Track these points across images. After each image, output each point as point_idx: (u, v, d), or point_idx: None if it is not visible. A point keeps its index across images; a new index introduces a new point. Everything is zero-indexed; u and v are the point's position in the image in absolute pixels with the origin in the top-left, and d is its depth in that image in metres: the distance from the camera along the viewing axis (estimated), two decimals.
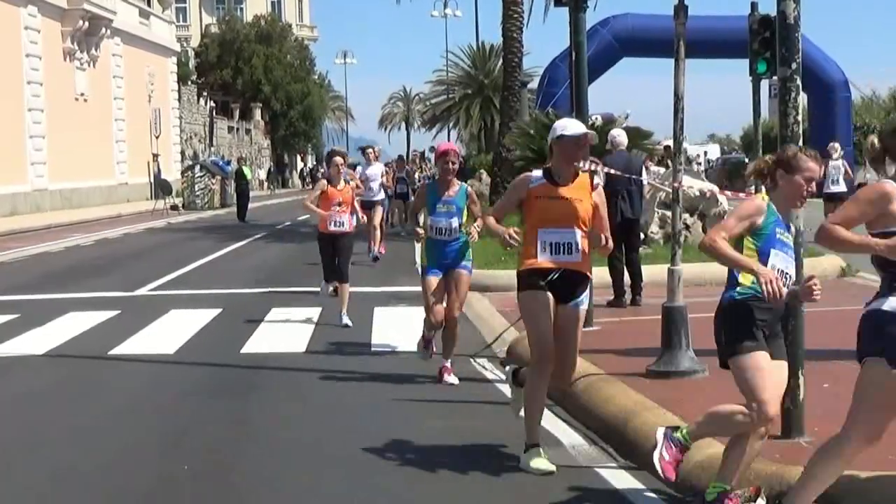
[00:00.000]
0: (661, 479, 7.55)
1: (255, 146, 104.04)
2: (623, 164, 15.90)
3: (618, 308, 15.61)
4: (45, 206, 51.59)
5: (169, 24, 79.73)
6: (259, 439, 9.37)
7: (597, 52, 38.83)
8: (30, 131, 51.58)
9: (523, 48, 39.09)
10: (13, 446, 9.33)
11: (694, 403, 9.10)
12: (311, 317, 16.31)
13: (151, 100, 69.26)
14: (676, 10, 11.19)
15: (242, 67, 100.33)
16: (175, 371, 12.63)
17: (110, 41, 62.61)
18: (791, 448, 7.68)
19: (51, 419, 10.38)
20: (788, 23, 7.95)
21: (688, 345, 10.63)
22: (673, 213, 11.47)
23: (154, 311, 17.25)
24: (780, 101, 8.12)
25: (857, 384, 6.34)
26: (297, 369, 12.43)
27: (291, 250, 29.59)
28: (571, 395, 10.13)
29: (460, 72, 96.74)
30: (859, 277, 18.88)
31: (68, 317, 16.87)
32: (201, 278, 22.81)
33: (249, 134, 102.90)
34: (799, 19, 7.96)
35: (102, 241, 35.27)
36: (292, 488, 7.87)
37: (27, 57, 51.71)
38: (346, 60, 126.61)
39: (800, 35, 7.96)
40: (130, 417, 10.33)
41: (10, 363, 13.34)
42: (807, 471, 6.49)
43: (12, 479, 8.33)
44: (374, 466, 8.32)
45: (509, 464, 8.16)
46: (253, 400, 10.97)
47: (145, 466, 8.58)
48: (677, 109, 10.95)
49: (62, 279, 23.13)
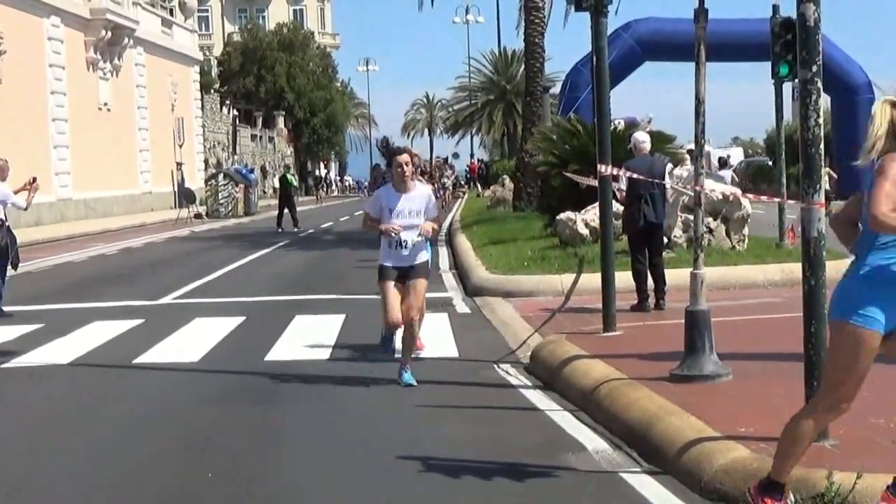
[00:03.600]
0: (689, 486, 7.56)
1: (279, 154, 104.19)
2: (645, 168, 15.87)
3: (641, 312, 15.59)
4: (69, 215, 51.74)
5: (191, 32, 79.93)
6: (283, 447, 9.37)
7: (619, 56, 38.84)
8: (54, 141, 51.78)
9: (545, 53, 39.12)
10: (36, 454, 9.36)
11: (718, 408, 9.08)
12: (335, 324, 16.31)
13: (174, 109, 69.45)
14: (697, 14, 11.17)
15: (265, 75, 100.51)
16: (199, 379, 12.65)
17: (133, 51, 62.80)
18: (817, 452, 7.64)
19: (74, 427, 10.41)
20: (808, 25, 7.93)
21: (711, 349, 10.59)
22: (695, 217, 11.44)
23: (178, 320, 17.28)
24: (800, 104, 8.08)
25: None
26: (321, 376, 12.44)
27: (314, 258, 29.65)
28: (594, 400, 10.13)
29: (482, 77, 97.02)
30: None
31: (92, 326, 16.91)
32: (225, 286, 22.84)
33: (273, 142, 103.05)
34: (819, 21, 7.93)
35: (126, 251, 35.38)
36: (316, 495, 7.87)
37: (50, 67, 51.92)
38: (369, 67, 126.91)
39: (820, 37, 7.94)
40: (154, 425, 10.35)
41: (34, 372, 13.38)
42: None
43: (35, 485, 8.36)
44: (397, 473, 8.31)
45: (533, 470, 8.15)
46: (277, 407, 10.98)
47: (169, 474, 8.59)
48: (698, 113, 10.93)
49: (86, 288, 23.21)
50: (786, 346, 10.67)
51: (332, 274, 23.80)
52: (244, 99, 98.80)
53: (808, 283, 7.99)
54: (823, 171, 8.02)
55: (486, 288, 19.62)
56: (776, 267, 18.99)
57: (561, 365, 11.66)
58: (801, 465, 7.33)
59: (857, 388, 6.57)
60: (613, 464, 8.42)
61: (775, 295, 16.84)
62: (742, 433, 8.19)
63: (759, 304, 16.11)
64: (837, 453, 7.61)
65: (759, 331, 13.59)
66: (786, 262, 18.90)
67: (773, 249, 21.94)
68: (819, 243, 7.98)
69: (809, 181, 7.97)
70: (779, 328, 13.13)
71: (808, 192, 7.98)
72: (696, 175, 11.38)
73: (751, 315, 15.02)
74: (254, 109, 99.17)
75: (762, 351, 11.82)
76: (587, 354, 11.86)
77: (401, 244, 11.58)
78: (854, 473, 6.97)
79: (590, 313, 14.03)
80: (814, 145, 8.00)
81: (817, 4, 7.92)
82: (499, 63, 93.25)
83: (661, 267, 16.13)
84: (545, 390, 11.21)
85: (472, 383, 11.79)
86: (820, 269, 7.99)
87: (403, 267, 11.70)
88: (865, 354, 6.44)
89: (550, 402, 10.67)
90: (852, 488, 6.87)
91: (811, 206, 7.96)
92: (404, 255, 11.64)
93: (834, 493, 6.89)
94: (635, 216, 15.90)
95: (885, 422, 8.43)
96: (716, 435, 8.19)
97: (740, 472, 7.44)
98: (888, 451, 7.65)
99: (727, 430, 8.27)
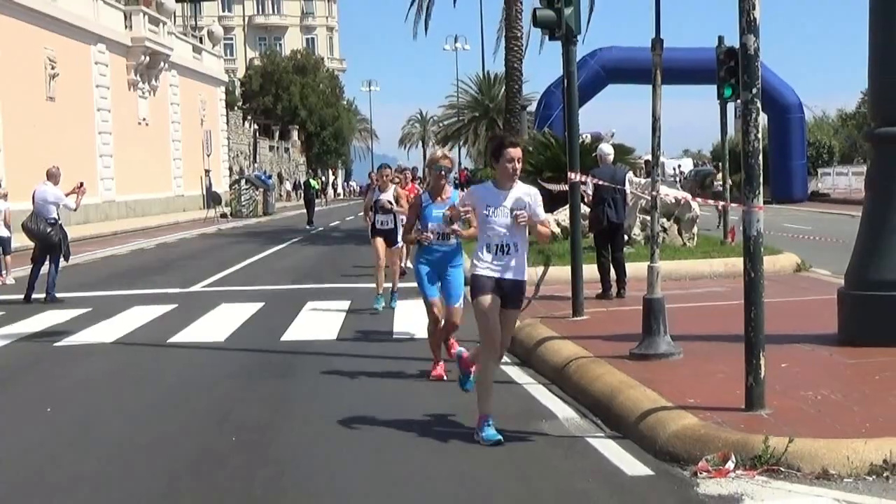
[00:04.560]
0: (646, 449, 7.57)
1: (293, 162, 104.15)
2: (609, 176, 15.89)
3: (605, 300, 15.59)
4: (112, 215, 51.71)
5: (218, 58, 79.78)
6: (297, 415, 9.37)
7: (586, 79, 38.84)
8: (100, 151, 51.79)
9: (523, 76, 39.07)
10: (84, 420, 9.35)
11: (670, 382, 9.09)
12: (342, 308, 16.32)
13: (203, 123, 69.32)
14: (653, 44, 11.19)
15: (281, 95, 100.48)
16: (224, 356, 12.64)
17: (168, 73, 62.68)
18: (753, 419, 7.67)
19: (116, 397, 10.40)
20: (749, 53, 7.94)
21: (665, 331, 10.60)
22: (652, 218, 11.45)
23: (206, 305, 17.27)
24: (742, 121, 8.11)
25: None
26: (330, 354, 12.43)
27: (324, 252, 29.62)
28: (565, 375, 10.14)
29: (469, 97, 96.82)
30: (812, 272, 18.84)
31: (132, 310, 16.90)
32: (247, 276, 22.82)
33: (288, 152, 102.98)
34: (758, 50, 7.95)
35: (162, 245, 35.33)
36: (326, 457, 7.86)
37: (97, 87, 51.89)
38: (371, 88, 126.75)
39: (759, 64, 7.95)
40: (184, 396, 10.35)
41: (83, 350, 13.38)
42: None
43: (81, 448, 8.36)
44: (394, 437, 8.32)
45: (511, 435, 8.14)
46: (291, 381, 10.98)
47: (198, 438, 8.59)
48: (654, 129, 10.94)
49: (127, 278, 23.18)
50: (729, 328, 10.69)
51: (339, 266, 23.76)
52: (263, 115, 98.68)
53: (749, 274, 8.00)
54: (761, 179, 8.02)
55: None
56: (721, 261, 19.00)
57: (536, 345, 11.68)
58: (741, 430, 7.36)
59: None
60: (581, 430, 8.42)
61: (720, 285, 16.86)
62: (691, 404, 8.20)
63: (706, 293, 16.12)
64: (772, 421, 7.63)
65: (706, 316, 13.60)
66: (729, 257, 18.92)
67: (718, 246, 21.95)
68: (758, 241, 8.00)
69: (750, 187, 7.99)
70: (723, 313, 13.16)
71: (748, 196, 8.00)
72: (652, 182, 11.39)
73: (699, 302, 15.04)
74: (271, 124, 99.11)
75: (709, 333, 11.83)
76: (558, 336, 11.87)
77: (503, 249, 8.10)
78: (786, 438, 6.99)
79: (561, 300, 14.03)
80: (754, 157, 8.02)
81: (757, 36, 7.94)
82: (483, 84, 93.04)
83: (621, 261, 16.13)
84: (522, 366, 11.22)
85: None
86: (758, 263, 8.00)
87: (506, 280, 8.18)
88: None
89: (527, 376, 10.68)
90: (785, 450, 6.90)
91: (751, 209, 7.98)
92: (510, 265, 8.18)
93: (769, 454, 6.91)
94: (600, 217, 15.91)
95: (812, 394, 8.45)
96: (668, 405, 8.20)
97: (689, 437, 7.46)
98: (814, 419, 7.67)
99: (678, 401, 8.28)
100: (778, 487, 6.64)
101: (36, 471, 7.70)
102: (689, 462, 7.13)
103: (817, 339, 11.07)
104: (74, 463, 7.90)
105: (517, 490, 6.87)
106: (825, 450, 6.87)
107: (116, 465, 7.84)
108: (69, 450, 8.32)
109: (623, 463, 7.38)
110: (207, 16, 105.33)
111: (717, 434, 7.35)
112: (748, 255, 8.02)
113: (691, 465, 7.06)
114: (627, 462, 7.40)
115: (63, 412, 9.73)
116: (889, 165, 10.90)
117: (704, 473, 6.90)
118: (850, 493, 6.48)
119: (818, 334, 11.27)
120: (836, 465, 6.77)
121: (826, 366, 9.92)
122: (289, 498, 6.81)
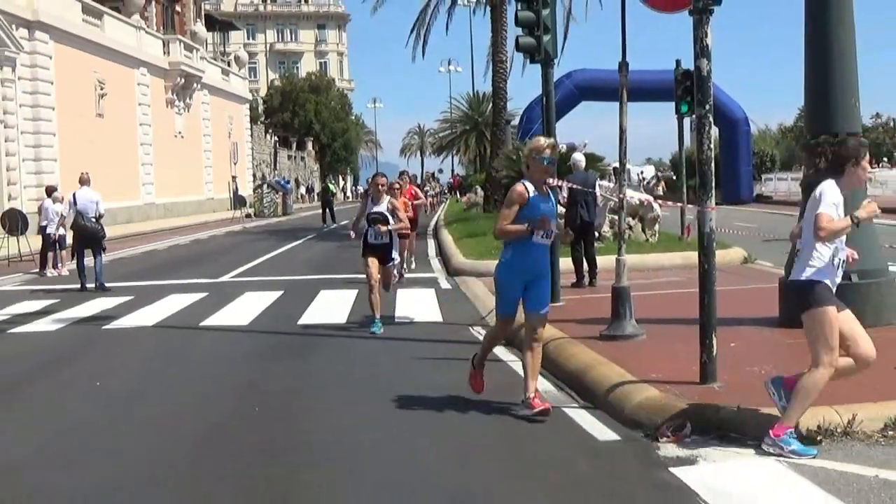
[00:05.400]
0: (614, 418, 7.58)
1: (308, 170, 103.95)
2: (581, 180, 15.89)
3: (579, 288, 15.58)
4: (152, 215, 51.65)
5: (243, 79, 79.55)
6: (312, 388, 9.36)
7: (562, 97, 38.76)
8: (142, 160, 51.75)
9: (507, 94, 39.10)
10: (129, 392, 9.35)
11: (635, 360, 9.09)
12: (350, 297, 16.29)
13: (230, 136, 69.13)
14: (620, 66, 11.20)
15: (298, 111, 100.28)
16: (248, 338, 12.63)
17: (200, 93, 62.53)
18: (706, 391, 7.67)
19: (156, 372, 10.40)
20: (703, 75, 7.94)
21: (631, 315, 10.61)
22: (619, 217, 11.45)
23: (233, 293, 17.25)
24: (697, 133, 8.12)
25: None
26: (340, 336, 12.43)
27: (334, 248, 29.59)
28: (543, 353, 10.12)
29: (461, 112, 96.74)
30: (757, 264, 18.86)
31: (170, 298, 16.87)
32: (268, 268, 22.79)
33: (304, 160, 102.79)
34: (710, 72, 7.95)
35: (195, 242, 35.26)
36: (337, 423, 7.86)
37: (139, 105, 51.84)
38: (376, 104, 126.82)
39: (711, 84, 7.95)
40: (214, 372, 10.34)
41: (126, 333, 13.36)
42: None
43: (126, 415, 8.37)
44: (395, 407, 8.31)
45: (497, 405, 8.14)
46: (306, 359, 10.96)
47: (225, 407, 8.58)
48: (621, 140, 10.94)
49: (165, 270, 23.15)
50: (686, 313, 10.69)
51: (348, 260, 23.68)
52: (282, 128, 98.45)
53: (703, 266, 8.01)
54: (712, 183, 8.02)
55: (463, 270, 19.59)
56: (679, 255, 19.01)
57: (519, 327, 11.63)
58: (696, 401, 7.37)
59: None
60: (557, 400, 8.41)
61: (678, 276, 16.86)
62: (653, 378, 8.20)
63: (666, 283, 16.13)
64: (723, 393, 7.63)
65: (666, 302, 13.61)
66: (686, 251, 18.94)
67: (676, 242, 21.95)
68: (711, 237, 8.01)
69: (704, 190, 8.00)
70: (681, 300, 13.16)
71: (702, 198, 8.00)
72: (619, 186, 11.38)
73: (660, 290, 15.04)
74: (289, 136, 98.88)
75: (668, 317, 11.84)
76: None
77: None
78: (735, 407, 7.01)
79: None
80: (707, 164, 8.03)
81: (709, 60, 7.94)
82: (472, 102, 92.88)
83: (593, 254, 16.13)
84: (506, 346, 11.19)
85: (452, 341, 11.77)
86: (711, 256, 8.02)
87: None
88: None
89: (511, 354, 10.66)
90: (734, 418, 6.91)
91: (705, 209, 7.98)
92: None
93: (720, 422, 6.94)
94: (574, 216, 15.90)
95: (757, 369, 8.46)
96: (633, 379, 8.20)
97: (652, 407, 7.46)
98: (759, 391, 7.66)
99: (642, 376, 8.28)
100: (727, 450, 6.65)
101: (86, 433, 7.71)
102: (651, 429, 7.13)
103: (761, 322, 11.09)
104: (120, 426, 7.92)
105: (501, 451, 6.87)
106: (768, 417, 6.87)
107: (158, 427, 7.86)
108: (116, 416, 8.33)
109: (594, 430, 7.38)
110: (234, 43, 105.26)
111: (675, 404, 7.35)
112: (702, 250, 8.03)
113: (653, 432, 7.06)
114: (598, 429, 7.40)
115: (111, 386, 9.73)
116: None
117: (665, 438, 6.91)
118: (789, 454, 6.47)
119: (762, 318, 11.28)
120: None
121: (769, 345, 9.93)
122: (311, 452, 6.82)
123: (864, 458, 6.35)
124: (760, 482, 6.01)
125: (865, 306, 10.47)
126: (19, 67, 39.12)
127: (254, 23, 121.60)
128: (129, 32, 51.16)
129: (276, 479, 6.36)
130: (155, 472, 6.63)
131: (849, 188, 6.54)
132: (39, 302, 16.96)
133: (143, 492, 6.22)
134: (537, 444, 7.03)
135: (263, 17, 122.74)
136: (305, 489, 6.16)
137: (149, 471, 6.65)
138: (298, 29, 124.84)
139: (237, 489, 6.21)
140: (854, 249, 6.76)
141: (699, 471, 6.25)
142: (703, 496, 5.75)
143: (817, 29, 10.89)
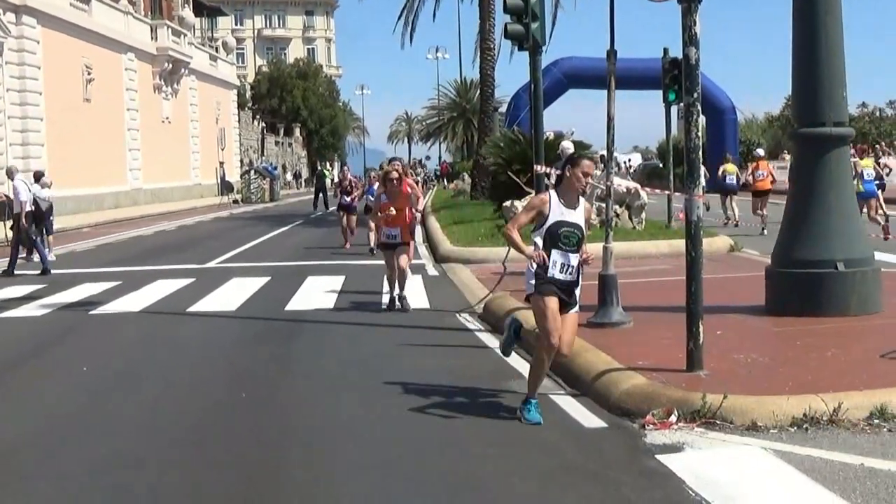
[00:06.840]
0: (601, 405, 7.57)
1: (296, 156, 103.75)
2: None
3: None
4: (139, 200, 51.49)
5: (231, 65, 79.28)
6: (299, 373, 9.34)
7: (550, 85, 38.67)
8: (129, 145, 51.57)
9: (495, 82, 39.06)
10: (114, 380, 9.32)
11: (622, 347, 9.09)
12: (337, 283, 16.27)
13: (218, 122, 68.90)
14: (608, 54, 11.17)
15: (286, 97, 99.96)
16: (235, 323, 12.60)
17: (188, 78, 62.29)
18: (693, 379, 7.68)
19: (143, 358, 10.37)
20: (691, 63, 7.93)
21: (618, 303, 10.61)
22: (606, 205, 11.44)
23: (220, 279, 17.20)
24: (684, 122, 8.11)
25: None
26: (327, 322, 12.40)
27: (322, 234, 29.53)
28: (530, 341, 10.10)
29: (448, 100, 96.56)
30: (743, 253, 18.89)
31: (156, 283, 16.82)
32: (255, 254, 22.73)
33: (291, 147, 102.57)
34: (699, 60, 7.93)
35: (182, 227, 35.17)
36: (323, 406, 7.87)
37: (126, 90, 51.62)
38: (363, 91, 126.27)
39: (699, 72, 7.94)
40: (202, 357, 10.31)
41: (113, 318, 13.31)
42: None
43: (114, 400, 8.34)
44: (382, 392, 8.29)
45: (484, 392, 8.15)
46: (293, 345, 10.94)
47: (214, 392, 8.56)
48: (609, 128, 10.92)
49: (152, 255, 23.07)
50: (672, 301, 10.70)
51: (335, 246, 23.64)
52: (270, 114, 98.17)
53: (690, 254, 8.00)
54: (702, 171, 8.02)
55: (450, 257, 19.57)
56: (665, 242, 19.02)
57: (506, 314, 11.61)
58: (682, 389, 7.37)
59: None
60: (544, 388, 8.38)
61: (665, 263, 16.87)
62: (640, 365, 8.20)
63: (652, 270, 16.14)
64: (709, 380, 7.63)
65: (652, 290, 13.61)
66: (673, 239, 18.94)
67: (663, 229, 21.96)
68: (698, 225, 8.01)
69: (691, 178, 8.00)
70: (667, 288, 13.17)
71: (690, 186, 8.00)
72: (607, 174, 11.37)
73: (647, 278, 15.06)
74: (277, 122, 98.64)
75: (655, 304, 11.85)
76: (525, 307, 11.79)
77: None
78: (721, 395, 7.01)
79: None
80: (694, 152, 8.02)
81: (697, 48, 7.92)
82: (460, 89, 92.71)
83: None
84: (493, 333, 11.20)
85: (439, 327, 11.77)
86: (698, 244, 8.01)
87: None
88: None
89: (497, 342, 10.66)
90: (720, 405, 6.92)
91: (692, 197, 7.98)
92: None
93: (707, 409, 6.93)
94: None
95: (743, 357, 8.47)
96: (620, 367, 8.20)
97: (638, 394, 7.47)
98: (745, 378, 7.68)
99: (629, 363, 8.28)
100: (714, 437, 6.66)
101: (73, 418, 7.68)
102: (638, 416, 7.13)
103: (748, 310, 11.10)
104: (109, 411, 7.91)
105: (489, 437, 6.86)
106: (754, 405, 6.89)
107: (147, 412, 7.84)
108: (102, 402, 8.31)
109: (581, 417, 7.38)
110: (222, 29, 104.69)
111: (662, 392, 7.36)
112: (689, 238, 8.02)
113: (640, 419, 7.07)
114: (585, 416, 7.40)
115: (96, 371, 9.69)
116: (809, 160, 10.93)
117: (651, 426, 6.91)
118: (775, 442, 6.49)
119: (749, 306, 11.30)
120: (763, 419, 6.79)
121: (755, 333, 9.95)
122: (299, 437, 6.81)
123: (849, 446, 6.37)
124: (746, 470, 6.02)
125: (851, 295, 10.52)
126: (6, 52, 38.92)
127: (242, 8, 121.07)
128: (117, 17, 50.92)
129: (264, 463, 6.35)
130: (144, 455, 6.61)
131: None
132: (25, 287, 16.89)
133: (132, 475, 6.20)
134: (524, 431, 7.02)
135: (251, 3, 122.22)
136: (294, 474, 6.15)
137: (137, 454, 6.63)
138: (286, 15, 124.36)
139: (226, 474, 6.19)
140: (841, 238, 6.77)
141: (686, 458, 6.26)
142: (690, 483, 5.75)
143: (805, 19, 10.87)
